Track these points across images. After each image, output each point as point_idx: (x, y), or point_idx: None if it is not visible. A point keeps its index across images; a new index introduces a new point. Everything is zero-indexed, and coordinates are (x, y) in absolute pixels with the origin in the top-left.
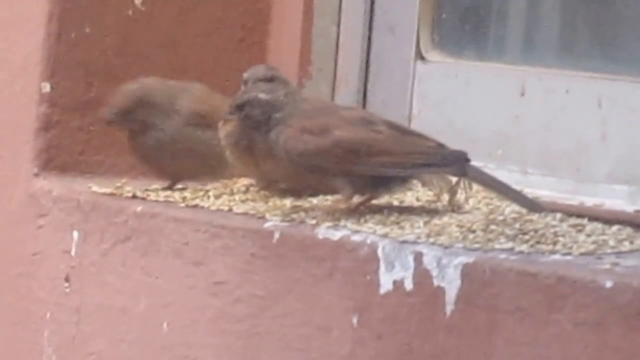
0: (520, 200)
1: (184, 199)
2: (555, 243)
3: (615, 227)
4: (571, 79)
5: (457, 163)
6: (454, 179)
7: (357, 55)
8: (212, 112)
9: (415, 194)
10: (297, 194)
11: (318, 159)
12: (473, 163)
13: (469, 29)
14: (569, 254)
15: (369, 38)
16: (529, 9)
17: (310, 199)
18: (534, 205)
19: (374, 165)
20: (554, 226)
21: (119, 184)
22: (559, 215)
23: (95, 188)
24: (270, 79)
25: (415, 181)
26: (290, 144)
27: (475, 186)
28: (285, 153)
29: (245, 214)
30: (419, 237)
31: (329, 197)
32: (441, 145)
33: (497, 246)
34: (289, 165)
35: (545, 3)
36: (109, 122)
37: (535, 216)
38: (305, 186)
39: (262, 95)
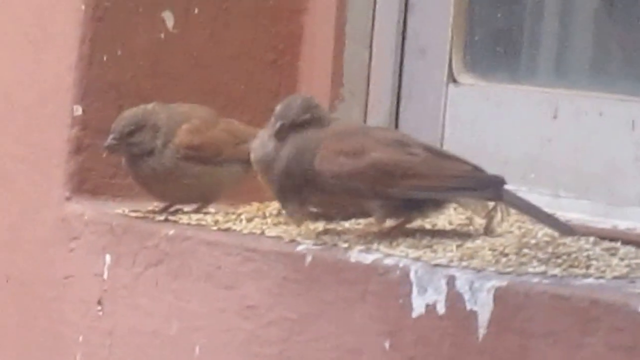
0: (555, 225)
1: (215, 222)
2: (588, 267)
3: None
4: (604, 101)
5: (493, 187)
6: (490, 203)
7: (388, 78)
8: (207, 145)
9: (448, 218)
10: (329, 217)
11: (353, 181)
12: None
13: (500, 52)
14: (602, 277)
15: (401, 61)
16: (561, 31)
17: (342, 222)
18: (569, 230)
19: (409, 189)
20: (586, 250)
21: (150, 207)
22: (591, 239)
23: (126, 211)
24: (301, 124)
25: (450, 205)
26: (325, 166)
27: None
28: (320, 175)
29: (277, 237)
30: (451, 261)
31: (361, 221)
32: (477, 169)
33: (529, 270)
34: (323, 187)
35: (577, 25)
36: (109, 148)
37: (568, 240)
38: (338, 209)
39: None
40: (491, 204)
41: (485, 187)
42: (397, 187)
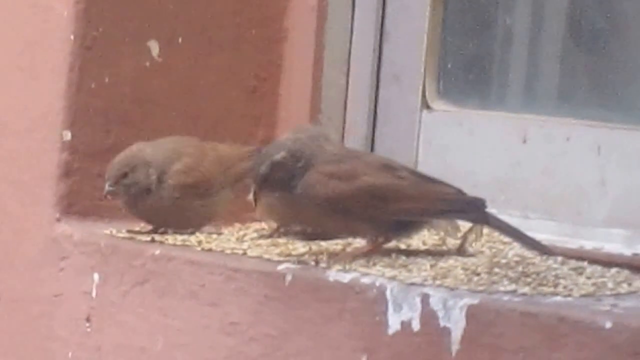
0: (535, 246)
1: (199, 242)
2: (556, 285)
3: (613, 270)
4: (571, 126)
5: (477, 210)
6: (465, 224)
7: (365, 104)
8: (200, 181)
9: (422, 238)
10: (309, 237)
11: (345, 204)
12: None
13: (472, 79)
14: (570, 295)
15: (377, 87)
16: (530, 59)
17: (321, 242)
18: (547, 250)
19: (401, 212)
20: (555, 269)
21: (137, 228)
22: (559, 259)
23: (114, 232)
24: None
25: (426, 226)
26: (317, 190)
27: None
28: (312, 198)
29: (258, 257)
30: (425, 280)
31: (339, 241)
32: (461, 192)
33: (500, 288)
34: (312, 209)
35: (545, 53)
36: (109, 194)
37: (536, 259)
38: (327, 230)
39: (278, 157)
40: (468, 225)
41: (470, 209)
42: (389, 210)
